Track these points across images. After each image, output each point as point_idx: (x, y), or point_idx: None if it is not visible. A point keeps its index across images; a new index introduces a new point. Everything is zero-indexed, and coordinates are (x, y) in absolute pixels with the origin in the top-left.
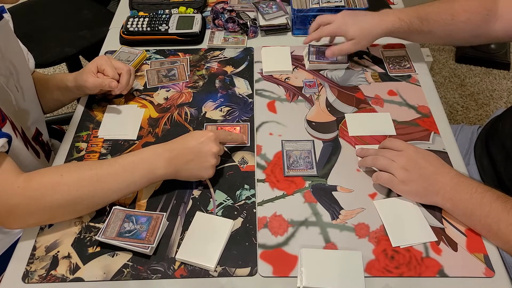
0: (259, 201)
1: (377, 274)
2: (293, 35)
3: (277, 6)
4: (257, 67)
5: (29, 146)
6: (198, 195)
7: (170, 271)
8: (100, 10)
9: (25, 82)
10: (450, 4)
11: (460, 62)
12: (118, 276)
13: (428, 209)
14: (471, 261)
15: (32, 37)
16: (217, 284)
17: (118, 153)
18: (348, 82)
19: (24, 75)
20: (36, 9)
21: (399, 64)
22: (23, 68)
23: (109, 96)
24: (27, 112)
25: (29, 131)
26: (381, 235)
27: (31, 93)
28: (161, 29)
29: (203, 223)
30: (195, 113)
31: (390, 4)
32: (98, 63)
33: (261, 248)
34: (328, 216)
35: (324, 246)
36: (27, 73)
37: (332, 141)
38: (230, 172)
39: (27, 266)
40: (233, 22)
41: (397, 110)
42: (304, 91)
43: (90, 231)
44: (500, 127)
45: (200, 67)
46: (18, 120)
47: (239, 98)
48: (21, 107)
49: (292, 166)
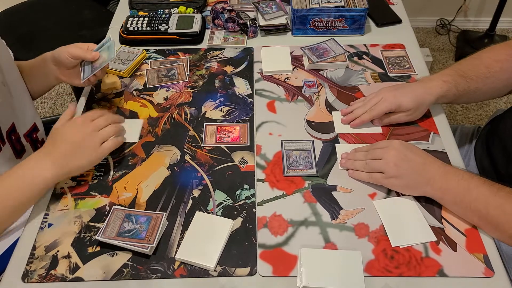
0: (259, 201)
1: (376, 274)
2: (293, 35)
3: (277, 6)
4: (257, 67)
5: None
6: (198, 195)
7: (170, 271)
8: (100, 10)
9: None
10: (478, 59)
11: None
12: (118, 276)
13: (428, 209)
14: (470, 261)
15: (32, 37)
16: (217, 284)
17: (117, 153)
18: (348, 82)
19: (11, 73)
20: (36, 9)
21: (399, 64)
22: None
23: (108, 96)
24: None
25: (22, 127)
26: (380, 235)
27: (20, 89)
28: (161, 28)
29: (202, 222)
30: (195, 112)
31: (390, 4)
32: (67, 47)
33: (261, 248)
34: (327, 216)
35: (324, 246)
36: (13, 69)
37: (332, 141)
38: (230, 172)
39: (27, 265)
40: (233, 22)
41: None
42: (303, 91)
43: (89, 231)
44: (501, 127)
45: (200, 67)
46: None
47: (239, 98)
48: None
49: (292, 166)
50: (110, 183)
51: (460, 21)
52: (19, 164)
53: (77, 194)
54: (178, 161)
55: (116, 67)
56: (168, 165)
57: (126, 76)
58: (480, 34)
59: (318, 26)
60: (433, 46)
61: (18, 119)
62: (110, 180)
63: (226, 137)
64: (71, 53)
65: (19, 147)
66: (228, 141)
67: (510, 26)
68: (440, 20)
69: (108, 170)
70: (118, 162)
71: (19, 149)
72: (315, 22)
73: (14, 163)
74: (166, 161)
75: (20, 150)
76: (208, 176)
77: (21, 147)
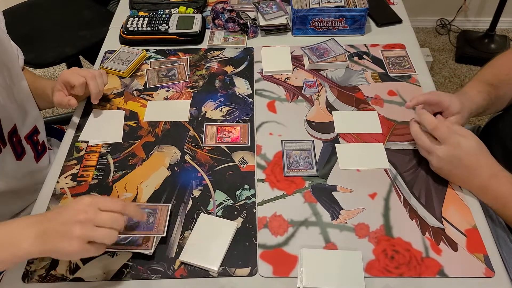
0: (259, 201)
1: (377, 274)
2: (293, 35)
3: (277, 6)
4: (257, 67)
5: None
6: (198, 195)
7: (170, 271)
8: (100, 10)
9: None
10: (496, 68)
11: (460, 62)
12: (118, 276)
13: (428, 209)
14: (471, 261)
15: (32, 37)
16: (217, 284)
17: (118, 153)
18: (348, 82)
19: (16, 73)
20: (36, 9)
21: (399, 64)
22: (14, 66)
23: (109, 96)
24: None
25: (23, 129)
26: (381, 235)
27: (25, 91)
28: (161, 29)
29: (206, 225)
30: (195, 113)
31: (390, 4)
32: (62, 79)
33: (261, 248)
34: (328, 216)
35: (324, 246)
36: (18, 71)
37: (332, 141)
38: (230, 172)
39: (27, 266)
40: (233, 22)
41: (397, 110)
42: (304, 91)
43: None
44: (500, 127)
45: (200, 67)
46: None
47: (239, 98)
48: (8, 104)
49: (292, 166)
50: (111, 183)
51: (460, 21)
52: (3, 222)
53: (77, 194)
54: (178, 161)
55: (116, 67)
56: (168, 165)
57: (126, 76)
58: (480, 34)
59: (319, 26)
60: (433, 46)
61: (20, 121)
62: (111, 180)
63: (226, 137)
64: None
65: (20, 149)
66: (228, 141)
67: (510, 26)
68: (440, 20)
69: (108, 170)
70: (118, 162)
71: (20, 152)
72: (316, 22)
73: (15, 165)
74: (166, 161)
75: (21, 152)
76: (208, 176)
77: (22, 149)
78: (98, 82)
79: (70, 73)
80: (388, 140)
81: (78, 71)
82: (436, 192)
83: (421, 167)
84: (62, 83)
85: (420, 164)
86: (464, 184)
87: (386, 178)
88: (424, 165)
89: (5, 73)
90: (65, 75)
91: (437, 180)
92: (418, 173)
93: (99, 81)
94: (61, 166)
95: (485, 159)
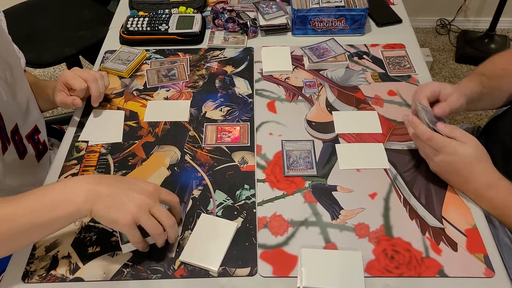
0: (259, 201)
1: (377, 274)
2: (293, 35)
3: (277, 6)
4: (257, 67)
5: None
6: (198, 195)
7: (170, 271)
8: (100, 10)
9: (19, 79)
10: (492, 63)
11: (460, 62)
12: (118, 276)
13: (428, 209)
14: (471, 261)
15: (32, 37)
16: (217, 284)
17: (118, 153)
18: (348, 82)
19: (17, 72)
20: (36, 9)
21: (399, 64)
22: (16, 65)
23: (109, 96)
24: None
25: (25, 128)
26: (381, 235)
27: (26, 90)
28: (161, 29)
29: (207, 225)
30: (195, 113)
31: (390, 4)
32: (63, 80)
33: (261, 248)
34: (328, 216)
35: (324, 246)
36: (20, 70)
37: (332, 141)
38: (230, 172)
39: (27, 266)
40: (233, 22)
41: (397, 110)
42: (304, 91)
43: (90, 231)
44: (500, 127)
45: (200, 67)
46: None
47: (239, 98)
48: (11, 102)
49: (292, 166)
50: None
51: (460, 21)
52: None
53: None
54: (178, 161)
55: (116, 67)
56: (168, 165)
57: (126, 76)
58: (480, 34)
59: (318, 26)
60: (433, 46)
61: (21, 120)
62: None
63: (226, 137)
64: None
65: (22, 148)
66: (228, 141)
67: (510, 26)
68: (440, 20)
69: (108, 170)
70: (118, 162)
71: (22, 150)
72: (315, 22)
73: (18, 164)
74: (166, 161)
75: (23, 151)
76: (208, 176)
77: (24, 148)
78: (99, 84)
79: (71, 75)
80: (388, 140)
81: (79, 73)
82: (436, 192)
83: (421, 167)
84: (63, 85)
85: (420, 164)
86: (461, 189)
87: (386, 178)
88: (424, 165)
89: (8, 71)
90: (66, 77)
91: (437, 180)
92: (418, 173)
93: (100, 83)
94: (61, 166)
95: (482, 167)
